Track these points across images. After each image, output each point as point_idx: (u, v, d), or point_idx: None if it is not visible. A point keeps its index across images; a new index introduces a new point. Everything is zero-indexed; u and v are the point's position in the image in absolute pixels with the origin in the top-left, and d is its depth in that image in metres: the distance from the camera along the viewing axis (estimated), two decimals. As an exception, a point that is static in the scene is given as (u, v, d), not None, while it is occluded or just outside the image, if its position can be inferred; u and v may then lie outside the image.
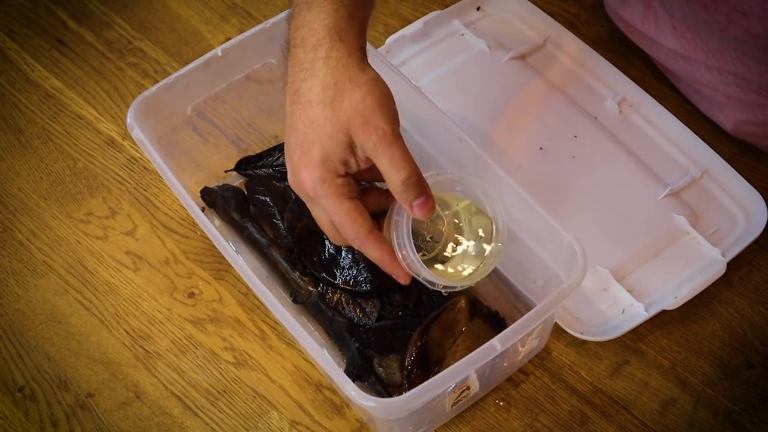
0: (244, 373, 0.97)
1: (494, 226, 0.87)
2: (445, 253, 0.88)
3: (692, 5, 0.99)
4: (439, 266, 0.87)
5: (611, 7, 1.15)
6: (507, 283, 0.99)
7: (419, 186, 0.78)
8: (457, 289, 0.87)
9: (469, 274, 0.87)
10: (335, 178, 0.79)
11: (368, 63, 0.80)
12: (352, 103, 0.77)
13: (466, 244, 0.88)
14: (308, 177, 0.79)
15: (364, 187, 0.84)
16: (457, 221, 0.88)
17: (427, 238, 0.87)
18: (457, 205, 0.88)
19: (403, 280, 0.84)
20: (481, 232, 0.87)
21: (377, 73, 0.79)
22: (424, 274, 0.84)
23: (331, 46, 0.77)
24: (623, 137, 1.09)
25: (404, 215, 0.82)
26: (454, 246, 0.88)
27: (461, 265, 0.87)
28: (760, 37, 0.94)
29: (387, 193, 0.85)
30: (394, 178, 0.77)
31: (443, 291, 0.87)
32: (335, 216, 0.80)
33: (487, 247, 0.87)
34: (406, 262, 0.83)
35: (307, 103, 0.78)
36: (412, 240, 0.83)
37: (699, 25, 1.02)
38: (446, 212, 0.88)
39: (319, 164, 0.78)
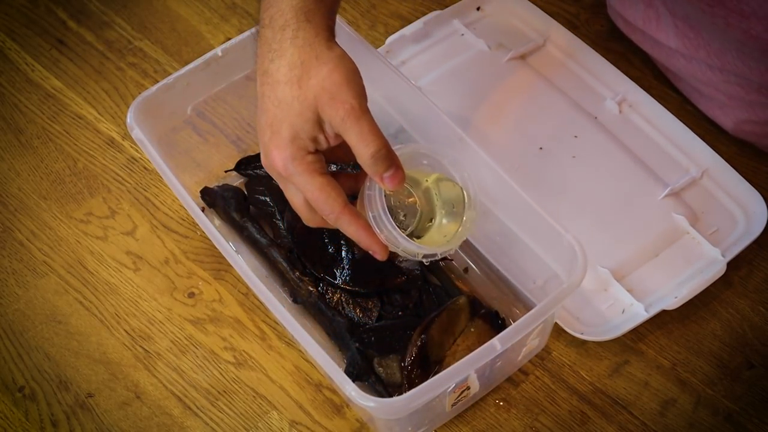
0: (244, 373, 0.97)
1: (465, 194, 0.86)
2: (421, 229, 0.88)
3: (693, 5, 0.99)
4: (416, 241, 0.87)
5: (612, 6, 1.15)
6: (507, 283, 0.99)
7: (389, 158, 0.79)
8: (437, 257, 0.86)
9: (447, 241, 0.86)
10: (305, 155, 0.79)
11: (335, 42, 0.80)
12: (319, 80, 0.77)
13: (440, 217, 0.88)
14: (279, 156, 0.79)
15: (333, 172, 0.84)
16: (428, 196, 0.88)
17: (401, 217, 0.87)
18: (426, 180, 0.88)
19: (380, 255, 0.84)
20: (453, 203, 0.87)
21: (344, 51, 0.80)
22: (404, 243, 0.83)
23: (298, 26, 0.78)
24: (623, 137, 1.09)
25: (376, 189, 0.82)
26: (429, 220, 0.88)
27: (437, 237, 0.87)
28: (760, 38, 0.94)
29: (356, 177, 0.86)
30: (363, 151, 0.78)
31: (424, 261, 0.86)
32: (309, 192, 0.80)
33: (462, 216, 0.87)
34: (383, 234, 0.83)
35: (275, 83, 0.79)
36: (387, 212, 0.82)
37: (701, 25, 1.02)
38: (416, 189, 0.87)
39: (288, 143, 0.79)
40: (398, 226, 0.83)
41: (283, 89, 0.78)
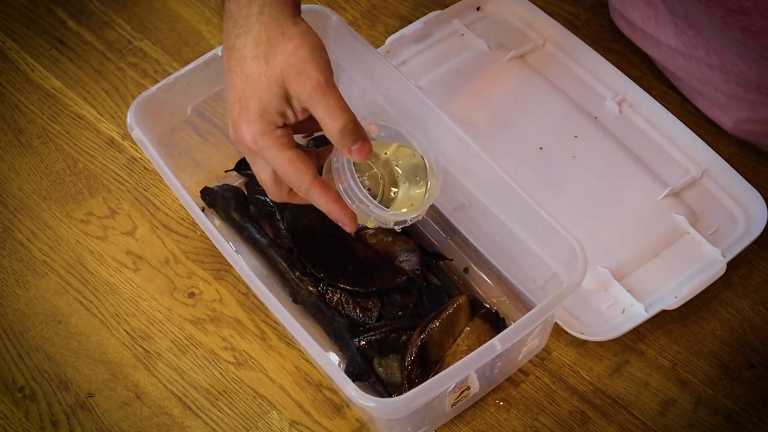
0: (244, 373, 0.97)
1: (426, 162, 0.88)
2: (387, 200, 0.89)
3: (692, 4, 0.99)
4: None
5: (613, 5, 1.15)
6: (507, 283, 0.99)
7: (356, 131, 0.80)
8: (407, 224, 0.87)
9: (415, 208, 0.88)
10: (274, 130, 0.80)
11: (301, 18, 0.81)
12: (285, 56, 0.78)
13: (404, 187, 0.89)
14: (248, 131, 0.80)
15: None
16: (388, 168, 0.89)
17: (365, 190, 0.87)
18: (385, 153, 0.89)
19: (349, 227, 0.85)
20: (415, 172, 0.89)
21: (309, 26, 0.80)
22: (376, 211, 0.84)
23: (264, 2, 0.79)
24: (623, 137, 1.09)
25: (344, 161, 0.83)
26: (393, 191, 0.89)
27: (404, 205, 0.88)
28: (762, 32, 0.94)
29: (318, 154, 0.88)
30: (331, 126, 0.79)
31: (396, 228, 0.87)
32: (278, 165, 0.81)
33: (426, 183, 0.88)
34: (355, 204, 0.84)
35: (242, 59, 0.80)
36: (358, 182, 0.84)
37: (700, 23, 1.02)
38: (375, 161, 0.88)
39: (257, 117, 0.80)
40: None
41: (250, 65, 0.79)
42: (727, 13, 0.94)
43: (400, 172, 0.89)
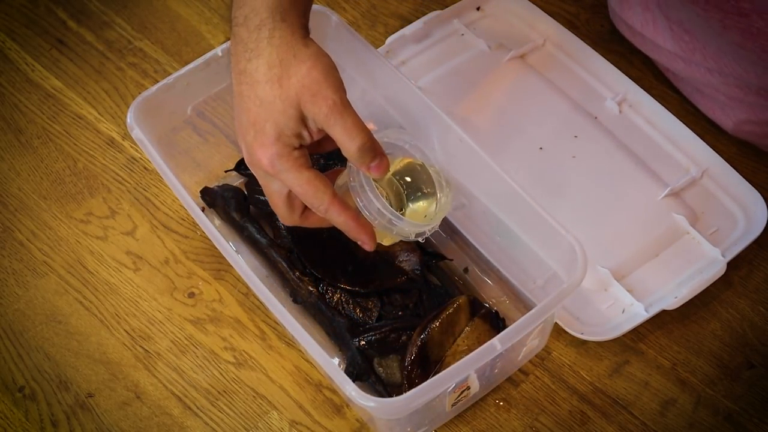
0: (244, 373, 0.97)
1: (435, 175, 0.89)
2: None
3: (688, 9, 0.99)
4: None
5: (613, 9, 1.15)
6: (507, 283, 0.99)
7: (374, 148, 0.81)
8: (425, 235, 0.88)
9: (429, 220, 0.88)
10: (291, 151, 0.81)
11: (311, 39, 0.81)
12: (299, 78, 0.79)
13: (412, 203, 0.90)
14: (264, 154, 0.80)
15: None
16: (391, 185, 0.90)
17: None
18: (389, 173, 0.89)
19: (369, 245, 0.85)
20: (422, 186, 0.89)
21: (319, 47, 0.81)
22: (398, 223, 0.85)
23: (274, 26, 0.79)
24: (623, 137, 1.09)
25: (361, 178, 0.84)
26: (399, 209, 0.90)
27: (417, 219, 0.89)
28: (761, 33, 0.94)
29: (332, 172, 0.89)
30: (349, 145, 0.80)
31: (417, 239, 0.88)
32: (297, 186, 0.81)
33: (435, 195, 0.89)
34: (376, 219, 0.85)
35: (254, 83, 0.80)
36: (378, 194, 0.84)
37: (696, 28, 1.02)
38: (379, 181, 0.89)
39: (274, 140, 0.80)
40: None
41: (264, 88, 0.79)
42: (725, 16, 0.94)
43: (403, 189, 0.89)
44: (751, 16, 0.93)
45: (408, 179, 0.90)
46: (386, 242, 0.90)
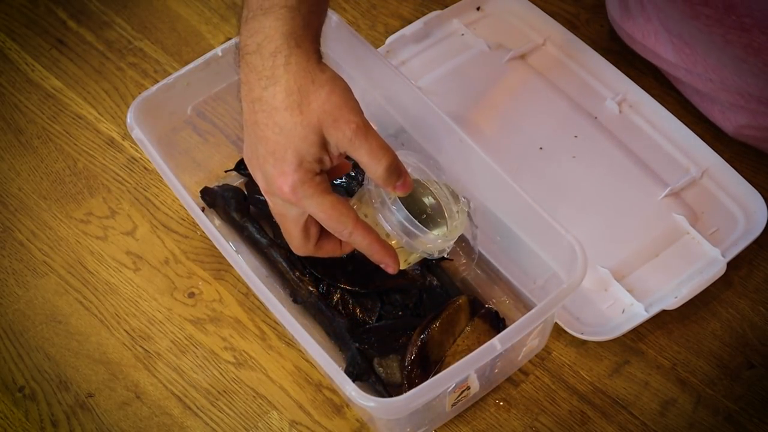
0: (244, 373, 0.97)
1: (439, 191, 0.89)
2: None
3: (689, 24, 0.99)
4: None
5: (614, 19, 1.15)
6: (507, 283, 0.99)
7: (399, 168, 0.81)
8: (445, 252, 0.88)
9: (445, 238, 0.88)
10: (313, 177, 0.80)
11: (325, 64, 0.81)
12: (319, 103, 0.78)
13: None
14: (286, 182, 0.79)
15: None
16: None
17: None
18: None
19: (393, 268, 0.85)
20: (427, 207, 0.89)
21: (334, 71, 0.80)
22: (424, 238, 0.85)
23: (290, 52, 0.78)
24: (623, 137, 1.09)
25: (383, 196, 0.84)
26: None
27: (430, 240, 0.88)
28: (763, 48, 0.94)
29: None
30: (376, 167, 0.79)
31: (438, 255, 0.87)
32: (321, 212, 0.81)
33: (443, 215, 0.89)
34: (404, 238, 0.84)
35: (272, 110, 0.79)
36: (409, 216, 0.84)
37: (697, 42, 1.02)
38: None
39: (296, 167, 0.79)
40: None
41: (283, 115, 0.78)
42: (727, 31, 0.94)
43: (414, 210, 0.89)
44: (753, 32, 0.93)
45: (417, 202, 0.89)
46: (410, 261, 0.89)
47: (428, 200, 0.90)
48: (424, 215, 0.88)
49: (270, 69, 0.78)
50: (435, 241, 0.86)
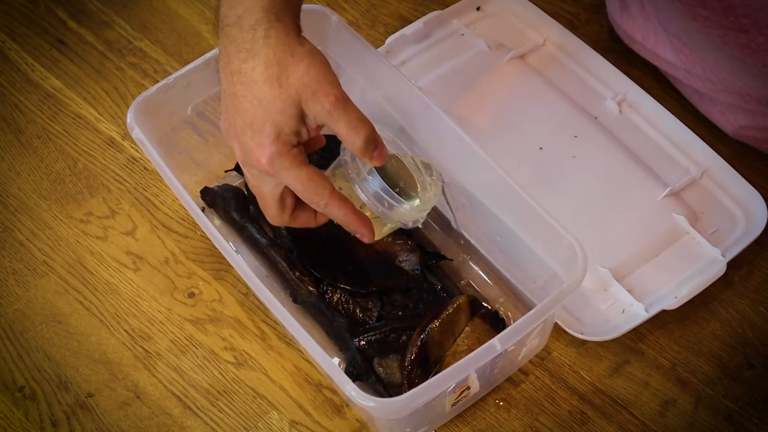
0: (244, 373, 0.97)
1: (411, 163, 0.90)
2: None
3: (688, 24, 0.99)
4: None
5: (614, 18, 1.15)
6: (507, 283, 0.99)
7: (376, 140, 0.82)
8: (419, 222, 0.89)
9: (419, 209, 0.89)
10: (291, 149, 0.81)
11: (304, 38, 0.81)
12: (298, 76, 0.79)
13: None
14: (264, 153, 0.80)
15: None
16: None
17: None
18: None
19: (368, 238, 0.86)
20: (403, 180, 0.89)
21: (313, 45, 0.81)
22: (399, 207, 0.86)
23: (270, 26, 0.79)
24: (623, 137, 1.09)
25: (359, 166, 0.85)
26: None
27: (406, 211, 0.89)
28: (761, 49, 0.94)
29: None
30: (354, 138, 0.80)
31: (412, 225, 0.89)
32: (298, 184, 0.82)
33: (424, 180, 0.90)
34: (379, 207, 0.86)
35: (251, 83, 0.80)
36: (385, 186, 0.85)
37: (694, 43, 1.02)
38: None
39: (274, 139, 0.80)
40: None
41: (262, 88, 0.79)
42: (725, 32, 0.94)
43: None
44: (751, 32, 0.93)
45: (392, 175, 0.90)
46: (384, 231, 0.90)
47: (401, 172, 0.90)
48: (398, 188, 0.88)
49: (249, 42, 0.79)
50: (409, 212, 0.87)
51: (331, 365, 0.82)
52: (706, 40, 0.99)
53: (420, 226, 0.90)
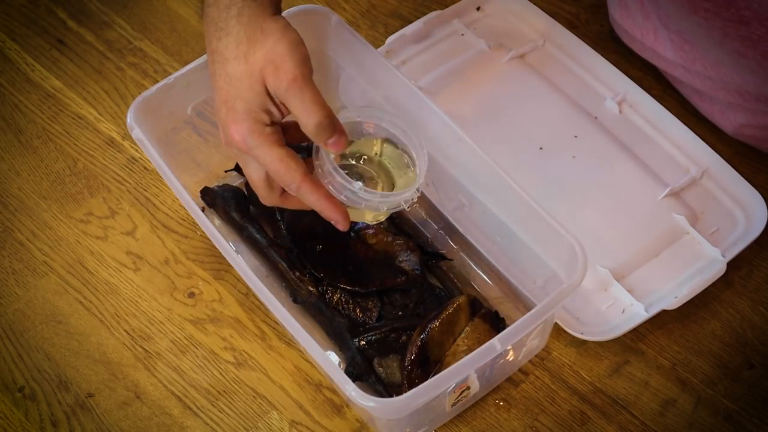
0: (244, 373, 0.97)
1: (413, 150, 0.89)
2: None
3: (688, 19, 0.99)
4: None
5: (614, 17, 1.15)
6: (507, 283, 0.99)
7: (331, 127, 0.80)
8: (400, 207, 0.87)
9: (400, 189, 0.87)
10: (263, 128, 0.81)
11: (281, 16, 0.81)
12: (264, 52, 0.79)
13: (399, 179, 0.90)
14: (236, 130, 0.81)
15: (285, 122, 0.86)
16: (383, 166, 0.90)
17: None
18: (376, 153, 0.90)
19: (342, 225, 0.85)
20: (403, 162, 0.89)
21: (288, 22, 0.81)
22: (363, 195, 0.84)
23: (243, 5, 0.79)
24: (623, 137, 1.09)
25: (323, 155, 0.84)
26: (392, 187, 0.90)
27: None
28: (762, 40, 0.94)
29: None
30: (306, 121, 0.80)
31: (391, 210, 0.88)
32: (269, 164, 0.81)
33: (414, 169, 0.89)
34: (343, 195, 0.84)
35: (224, 61, 0.80)
36: (339, 170, 0.83)
37: (696, 38, 1.02)
38: (369, 163, 0.89)
39: (244, 116, 0.80)
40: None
41: (233, 65, 0.80)
42: (726, 24, 0.94)
43: (392, 169, 0.89)
44: (752, 24, 0.93)
45: (392, 158, 0.90)
46: (368, 218, 0.89)
47: (382, 159, 0.89)
48: (403, 172, 0.87)
49: (224, 21, 0.80)
50: (373, 198, 0.85)
51: (331, 365, 0.82)
52: (706, 34, 0.98)
53: (406, 206, 0.88)
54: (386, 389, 0.92)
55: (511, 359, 0.92)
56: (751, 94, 1.02)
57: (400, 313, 0.96)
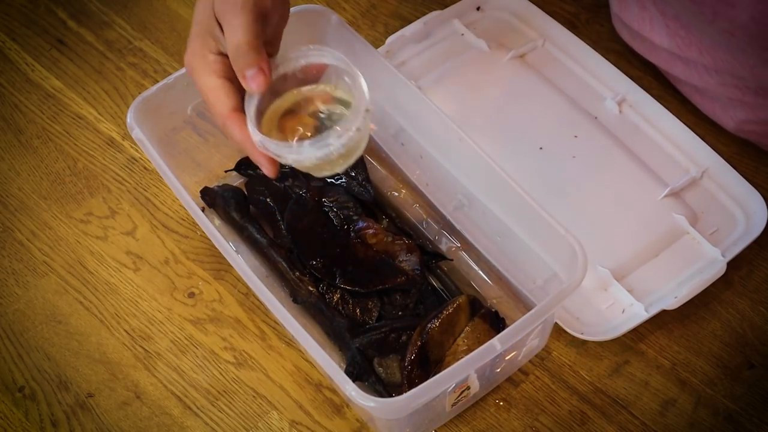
0: (244, 373, 0.97)
1: (351, 101, 0.80)
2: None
3: (681, 1, 0.99)
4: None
5: (614, 12, 1.15)
6: (507, 283, 0.99)
7: (250, 55, 0.77)
8: (333, 155, 0.77)
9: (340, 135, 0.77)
10: (207, 54, 0.79)
11: None
12: None
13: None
14: (186, 54, 0.80)
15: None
16: (320, 120, 0.82)
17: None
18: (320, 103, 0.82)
19: (267, 170, 0.79)
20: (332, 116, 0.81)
21: None
22: (273, 148, 0.77)
23: None
24: (623, 137, 1.09)
25: (248, 105, 0.78)
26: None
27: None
28: (746, 27, 0.94)
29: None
30: (228, 42, 0.77)
31: (320, 175, 0.81)
32: (202, 93, 0.80)
33: (345, 123, 0.78)
34: (263, 143, 0.77)
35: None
36: (253, 118, 0.77)
37: (689, 21, 1.02)
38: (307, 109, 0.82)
39: (194, 38, 0.79)
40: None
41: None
42: (715, 2, 0.95)
43: (325, 123, 0.81)
44: (736, 8, 0.93)
45: (337, 111, 0.81)
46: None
47: (332, 109, 0.81)
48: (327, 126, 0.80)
49: None
50: (285, 148, 0.77)
51: (331, 365, 0.82)
52: (698, 15, 0.98)
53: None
54: (386, 389, 0.92)
55: (511, 359, 0.92)
56: (749, 85, 1.01)
57: (400, 313, 0.96)
